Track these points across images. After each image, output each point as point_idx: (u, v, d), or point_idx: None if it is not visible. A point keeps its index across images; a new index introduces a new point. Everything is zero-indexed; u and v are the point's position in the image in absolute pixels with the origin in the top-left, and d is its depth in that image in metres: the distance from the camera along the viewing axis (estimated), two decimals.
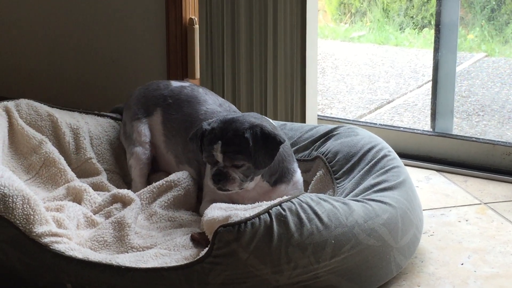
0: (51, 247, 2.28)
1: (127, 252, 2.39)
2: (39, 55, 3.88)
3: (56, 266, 2.26)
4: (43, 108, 2.96)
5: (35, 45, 3.88)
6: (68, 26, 3.78)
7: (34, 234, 2.29)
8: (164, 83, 2.97)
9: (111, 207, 2.63)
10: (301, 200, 2.27)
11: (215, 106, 2.84)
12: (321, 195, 2.35)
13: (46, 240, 2.29)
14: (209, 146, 2.50)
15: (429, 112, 3.62)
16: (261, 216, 2.19)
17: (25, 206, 2.30)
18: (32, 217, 2.30)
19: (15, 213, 2.29)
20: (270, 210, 2.21)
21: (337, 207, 2.29)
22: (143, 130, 2.90)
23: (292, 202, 2.25)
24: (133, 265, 2.23)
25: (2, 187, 2.30)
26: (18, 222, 2.28)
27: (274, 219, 2.19)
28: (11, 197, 2.29)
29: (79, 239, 2.44)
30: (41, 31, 3.85)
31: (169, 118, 2.87)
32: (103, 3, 3.68)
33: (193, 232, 2.46)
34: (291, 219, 2.21)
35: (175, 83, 2.96)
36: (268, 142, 2.49)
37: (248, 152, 2.47)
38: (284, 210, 2.22)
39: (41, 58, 3.87)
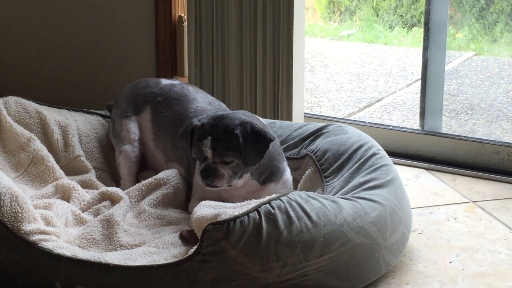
0: (40, 245, 2.27)
1: (116, 250, 2.38)
2: (27, 53, 3.86)
3: (45, 264, 2.26)
4: (32, 106, 2.95)
5: (23, 43, 3.86)
6: (57, 24, 3.77)
7: (23, 232, 2.28)
8: (154, 81, 2.97)
9: (99, 205, 2.62)
10: (290, 198, 2.27)
11: (205, 104, 2.83)
12: (310, 193, 2.35)
13: (35, 238, 2.28)
14: (199, 142, 2.49)
15: (418, 110, 3.63)
16: (250, 214, 2.19)
17: (13, 204, 2.29)
18: (20, 214, 2.29)
19: (3, 210, 2.28)
20: (259, 208, 2.21)
21: (326, 205, 2.29)
22: (132, 128, 2.89)
23: (281, 200, 2.25)
24: (122, 263, 2.23)
25: None
26: (6, 220, 2.28)
27: (263, 217, 2.19)
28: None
29: (67, 237, 2.44)
30: (30, 29, 3.83)
31: (158, 116, 2.86)
32: (92, 0, 3.67)
33: (182, 230, 2.46)
34: (280, 217, 2.21)
35: (165, 81, 2.95)
36: (258, 139, 2.49)
37: (237, 149, 2.47)
38: (273, 208, 2.22)
39: (30, 56, 3.86)
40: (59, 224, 2.47)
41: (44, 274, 2.26)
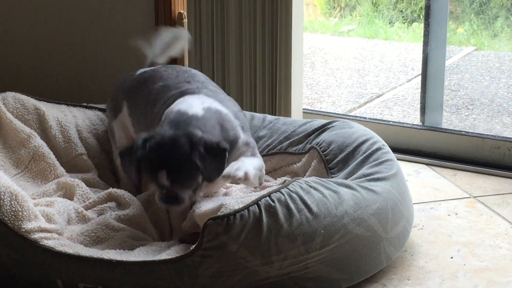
0: (41, 243, 2.27)
1: (119, 249, 2.37)
2: (26, 50, 3.86)
3: (47, 262, 2.25)
4: (30, 101, 2.94)
5: (21, 40, 3.86)
6: (56, 21, 3.77)
7: (23, 230, 2.27)
8: (130, 74, 2.88)
9: (105, 205, 2.60)
10: (291, 190, 2.26)
11: (171, 79, 2.69)
12: (312, 182, 2.34)
13: (36, 236, 2.27)
14: (152, 174, 2.34)
15: (419, 106, 3.63)
16: (250, 207, 2.19)
17: (13, 202, 2.28)
18: (20, 213, 2.28)
19: (3, 209, 2.27)
20: (259, 202, 2.21)
21: (326, 196, 2.29)
22: (119, 130, 2.83)
23: (281, 192, 2.25)
24: (124, 258, 2.22)
25: None
26: (6, 218, 2.27)
27: (263, 210, 2.19)
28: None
29: (69, 233, 2.43)
30: (28, 26, 3.83)
31: (132, 107, 2.77)
32: None
33: (182, 236, 2.44)
34: (280, 210, 2.20)
35: (139, 71, 2.86)
36: (215, 156, 2.34)
37: (196, 173, 2.33)
38: (273, 201, 2.22)
39: (28, 54, 3.86)
40: (61, 221, 2.46)
41: (46, 272, 2.26)
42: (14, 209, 2.28)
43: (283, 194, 2.25)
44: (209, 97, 2.52)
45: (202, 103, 2.47)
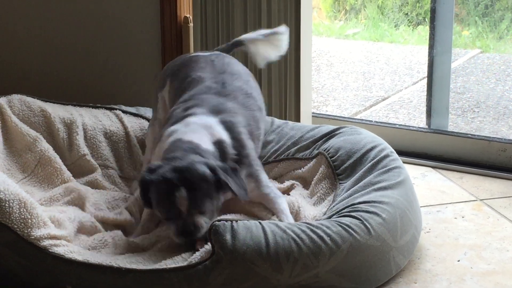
0: (50, 250, 2.26)
1: (128, 253, 2.37)
2: (32, 54, 3.87)
3: (56, 269, 2.25)
4: (36, 104, 2.93)
5: (28, 44, 3.87)
6: (63, 25, 3.77)
7: (33, 237, 2.26)
8: (183, 55, 2.91)
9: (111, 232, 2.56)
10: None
11: (207, 73, 2.68)
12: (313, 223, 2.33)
13: (45, 243, 2.26)
14: (168, 196, 2.26)
15: (424, 109, 3.63)
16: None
17: (22, 210, 2.27)
18: (29, 220, 2.27)
19: (12, 217, 2.26)
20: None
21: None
22: (161, 102, 2.83)
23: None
24: (134, 266, 2.21)
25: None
26: (15, 226, 2.25)
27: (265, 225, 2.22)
28: (7, 202, 2.26)
29: (79, 241, 2.43)
30: (34, 30, 3.84)
31: (172, 86, 2.78)
32: (97, 0, 3.67)
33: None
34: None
35: (193, 53, 2.88)
36: (235, 174, 2.34)
37: (212, 193, 2.29)
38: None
39: (35, 58, 3.86)
40: (70, 228, 2.45)
41: (55, 279, 2.25)
42: (23, 216, 2.27)
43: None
44: (220, 125, 2.48)
45: (212, 135, 2.44)
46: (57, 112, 2.96)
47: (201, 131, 2.44)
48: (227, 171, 2.32)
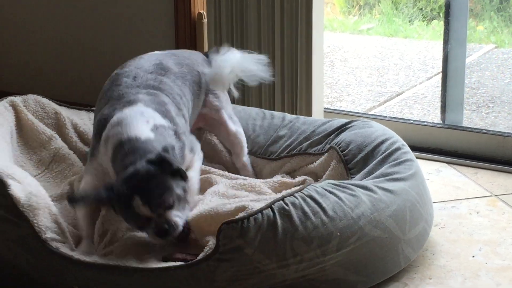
0: (58, 250, 2.26)
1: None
2: (47, 54, 3.88)
3: (63, 269, 2.25)
4: (51, 105, 2.94)
5: (43, 43, 3.88)
6: (76, 22, 3.79)
7: (45, 238, 2.27)
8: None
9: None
10: (305, 194, 2.26)
11: (127, 70, 2.64)
12: (328, 186, 2.33)
13: (53, 244, 2.27)
14: (126, 208, 2.24)
15: (439, 104, 3.61)
16: (264, 211, 2.18)
17: (45, 210, 2.30)
18: (49, 224, 2.30)
19: (36, 212, 2.28)
20: (272, 205, 2.20)
21: (342, 199, 2.28)
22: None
23: (295, 196, 2.24)
24: (140, 265, 2.21)
25: (28, 188, 2.33)
26: (35, 221, 2.27)
27: (277, 214, 2.18)
28: (35, 196, 2.30)
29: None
30: (50, 29, 3.85)
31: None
32: None
33: (175, 255, 2.32)
34: (294, 213, 2.20)
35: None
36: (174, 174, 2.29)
37: (167, 185, 2.26)
38: (287, 204, 2.21)
39: (50, 57, 3.88)
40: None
41: (62, 278, 2.26)
42: (44, 217, 2.30)
43: (297, 198, 2.24)
44: (148, 107, 2.46)
45: (147, 121, 2.42)
46: (71, 117, 2.96)
47: (137, 120, 2.40)
48: (170, 151, 2.30)
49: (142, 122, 2.41)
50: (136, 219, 2.27)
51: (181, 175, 2.31)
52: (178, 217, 2.27)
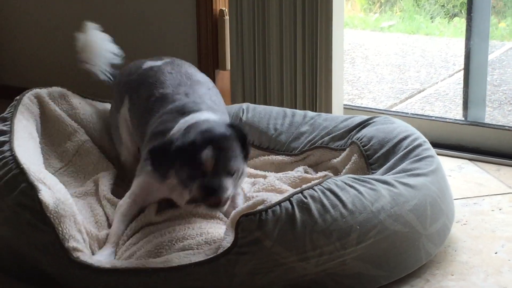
0: (78, 259, 2.25)
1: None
2: (71, 49, 3.90)
3: (84, 276, 2.25)
4: (76, 98, 2.95)
5: (65, 39, 3.91)
6: (98, 18, 3.80)
7: (68, 246, 2.27)
8: (137, 65, 2.79)
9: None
10: (324, 187, 2.27)
11: (171, 88, 2.58)
12: (347, 180, 2.34)
13: (75, 254, 2.27)
14: (191, 156, 2.21)
15: (460, 101, 3.61)
16: (282, 204, 2.19)
17: (70, 219, 2.31)
18: (72, 233, 2.30)
19: (62, 219, 2.29)
20: (291, 198, 2.21)
21: (362, 193, 2.29)
22: (122, 124, 2.76)
23: (314, 189, 2.25)
24: (160, 265, 2.21)
25: (57, 195, 2.33)
26: (60, 229, 2.27)
27: (295, 206, 2.19)
28: (63, 204, 2.30)
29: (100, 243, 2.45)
30: (73, 26, 3.87)
31: (132, 104, 2.69)
32: None
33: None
34: (313, 206, 2.20)
35: (146, 64, 2.75)
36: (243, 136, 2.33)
37: (237, 154, 2.28)
38: (305, 197, 2.22)
39: (72, 52, 3.90)
40: (94, 231, 2.47)
41: (84, 284, 2.26)
42: (69, 226, 2.30)
43: (316, 191, 2.25)
44: (210, 113, 2.46)
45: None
46: (93, 109, 2.97)
47: (201, 115, 2.41)
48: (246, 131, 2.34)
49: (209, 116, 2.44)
50: (193, 171, 2.22)
51: (247, 152, 2.32)
52: (231, 187, 2.26)
